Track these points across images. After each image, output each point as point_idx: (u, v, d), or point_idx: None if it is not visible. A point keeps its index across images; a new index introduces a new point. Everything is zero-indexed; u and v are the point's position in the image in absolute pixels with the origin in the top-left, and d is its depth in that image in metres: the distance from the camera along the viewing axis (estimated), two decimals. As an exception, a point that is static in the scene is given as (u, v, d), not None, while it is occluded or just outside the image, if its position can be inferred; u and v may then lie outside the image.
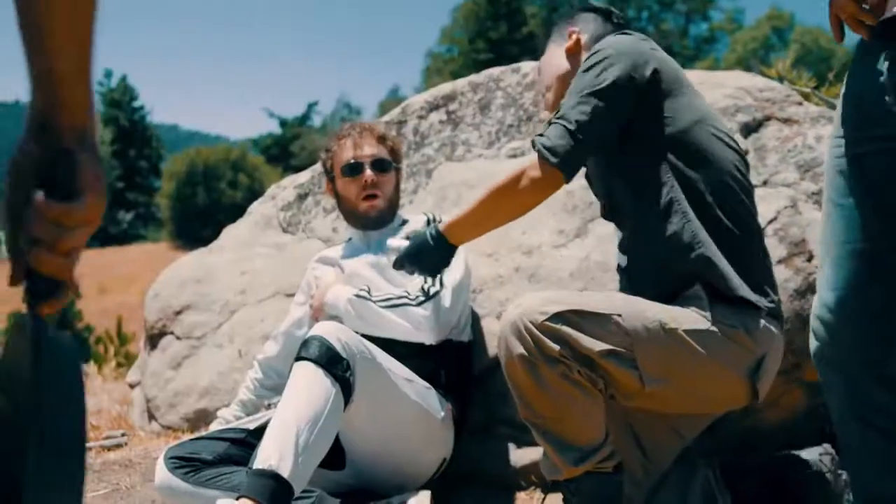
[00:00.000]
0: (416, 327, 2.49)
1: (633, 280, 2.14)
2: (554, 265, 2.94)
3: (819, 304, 1.79)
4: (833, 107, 3.63)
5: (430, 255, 2.23)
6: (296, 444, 2.04)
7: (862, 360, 1.71)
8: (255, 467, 2.01)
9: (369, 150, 2.79)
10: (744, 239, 2.06)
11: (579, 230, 3.03)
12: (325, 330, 2.25)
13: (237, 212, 4.27)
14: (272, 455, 2.02)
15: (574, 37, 2.32)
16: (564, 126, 2.02)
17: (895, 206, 1.62)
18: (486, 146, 3.55)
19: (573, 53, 2.31)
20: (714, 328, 1.96)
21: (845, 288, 1.72)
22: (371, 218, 2.78)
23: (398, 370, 2.40)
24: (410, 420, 2.39)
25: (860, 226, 1.69)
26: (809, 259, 2.63)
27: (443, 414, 2.47)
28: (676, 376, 1.95)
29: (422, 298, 2.50)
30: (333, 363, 2.19)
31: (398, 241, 2.31)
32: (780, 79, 3.81)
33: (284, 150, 47.80)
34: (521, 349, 1.90)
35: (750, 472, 2.32)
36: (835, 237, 1.74)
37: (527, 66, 3.73)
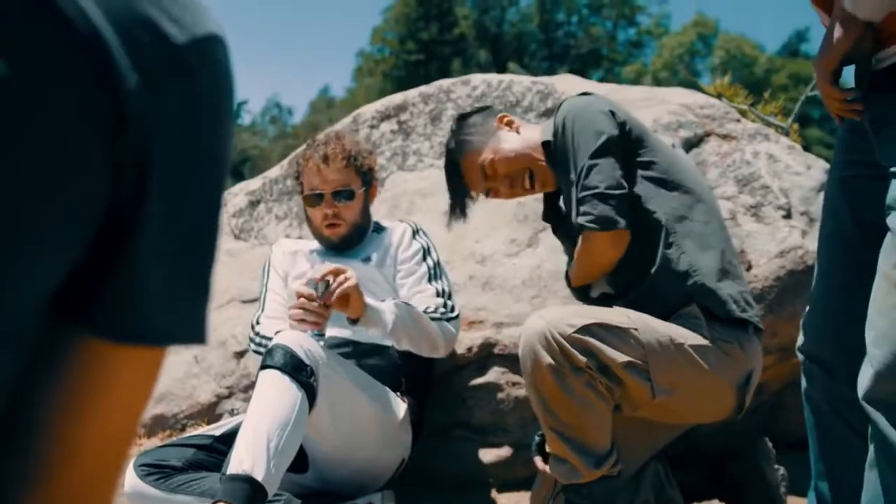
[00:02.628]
0: (446, 341, 2.60)
1: (630, 307, 2.23)
2: (507, 273, 3.06)
3: (807, 310, 2.02)
4: (769, 124, 3.82)
5: None
6: (267, 448, 2.11)
7: (844, 360, 1.89)
8: (229, 472, 2.08)
9: (332, 178, 2.74)
10: (729, 259, 2.24)
11: (531, 239, 3.15)
12: (288, 339, 2.32)
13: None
14: (245, 460, 2.08)
15: (508, 118, 2.45)
16: (594, 194, 2.15)
17: (873, 223, 1.80)
18: (438, 156, 3.64)
19: (518, 129, 2.43)
20: (713, 344, 2.12)
21: (829, 296, 1.95)
22: (334, 242, 2.81)
23: (356, 375, 2.48)
24: (369, 422, 2.47)
25: (847, 240, 1.91)
26: (748, 269, 2.79)
27: (401, 416, 2.56)
28: (682, 388, 2.09)
29: (451, 315, 2.63)
30: (298, 370, 2.26)
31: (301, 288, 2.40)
32: (719, 96, 3.99)
33: (213, 148, 46.91)
34: (549, 359, 2.00)
35: (694, 466, 2.46)
36: (824, 251, 1.98)
37: (476, 78, 3.84)
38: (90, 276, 0.59)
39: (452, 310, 2.65)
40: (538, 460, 2.36)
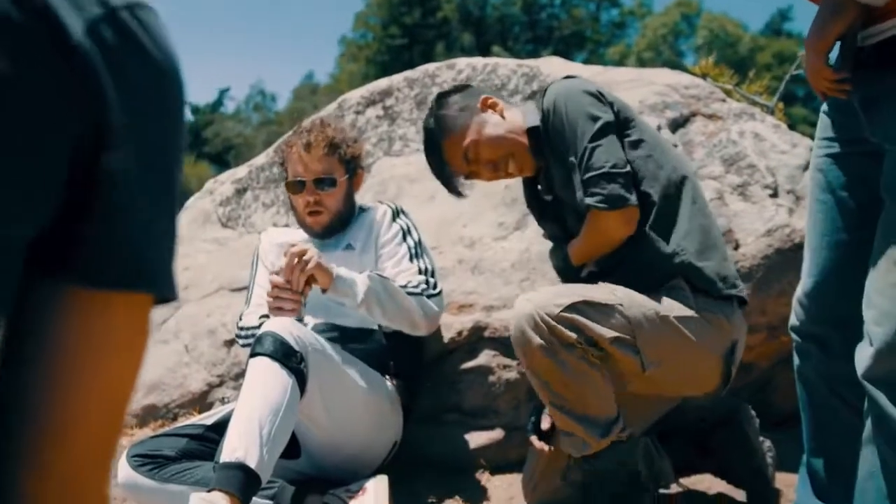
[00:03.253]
0: (426, 317, 2.59)
1: (616, 283, 2.24)
2: (495, 257, 3.07)
3: (800, 289, 2.04)
4: (754, 103, 3.84)
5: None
6: (260, 435, 2.11)
7: (839, 337, 1.91)
8: (222, 460, 2.08)
9: (314, 166, 2.72)
10: (715, 237, 2.28)
11: (519, 222, 3.16)
12: (278, 326, 2.32)
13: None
14: (238, 448, 2.09)
15: (492, 101, 2.41)
16: (600, 174, 2.15)
17: (862, 200, 1.84)
18: (424, 141, 3.64)
19: (502, 112, 2.40)
20: (698, 315, 2.16)
21: (822, 274, 1.97)
22: (316, 231, 2.80)
23: (347, 359, 2.48)
24: (360, 407, 2.48)
25: (838, 218, 1.93)
26: (736, 247, 2.81)
27: (391, 399, 2.58)
28: (670, 360, 2.13)
29: (433, 292, 2.62)
30: (288, 356, 2.26)
31: (274, 278, 2.42)
32: (704, 76, 4.00)
33: (197, 137, 46.86)
34: (539, 339, 2.04)
35: (682, 441, 2.49)
36: (815, 230, 1.99)
37: (461, 62, 3.83)
38: (70, 225, 0.63)
39: (434, 287, 2.65)
40: (534, 439, 2.38)
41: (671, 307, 2.15)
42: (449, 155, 2.40)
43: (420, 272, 2.65)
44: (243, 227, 3.74)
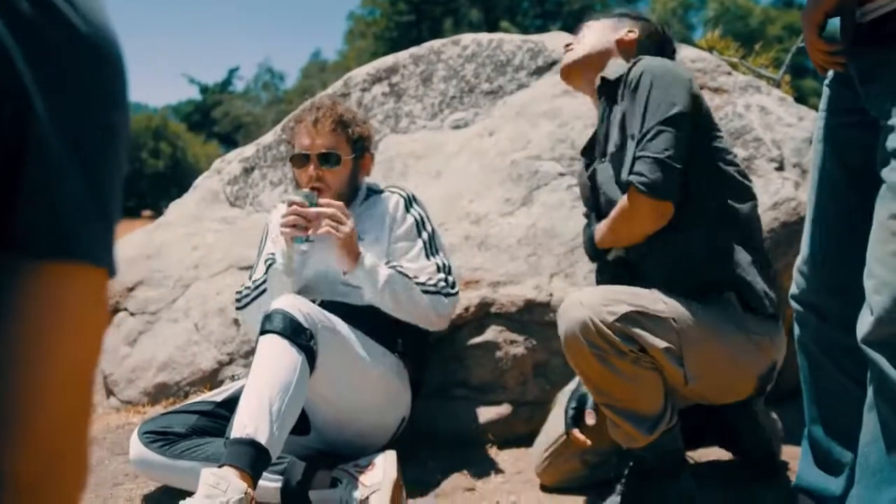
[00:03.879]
0: (438, 315, 2.62)
1: (650, 280, 2.22)
2: (502, 233, 3.07)
3: (800, 257, 2.07)
4: (760, 76, 3.82)
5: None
6: (270, 412, 2.14)
7: (838, 307, 1.93)
8: (233, 436, 2.10)
9: (319, 141, 2.70)
10: (765, 256, 2.27)
11: (525, 199, 3.16)
12: (287, 303, 2.34)
13: (160, 181, 4.31)
14: (248, 424, 2.11)
15: (631, 36, 2.42)
16: (655, 158, 2.11)
17: (862, 170, 1.85)
18: (430, 118, 3.64)
19: (622, 47, 2.41)
20: (744, 335, 2.15)
21: (821, 243, 2.00)
22: None
23: (356, 336, 2.50)
24: (370, 383, 2.51)
25: (838, 187, 1.96)
26: (742, 221, 2.81)
27: (400, 376, 2.60)
28: (709, 374, 2.13)
29: (451, 291, 2.63)
30: (297, 333, 2.28)
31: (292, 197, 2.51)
32: (710, 49, 3.99)
33: (206, 116, 46.91)
34: (593, 347, 2.05)
35: (693, 412, 2.50)
36: (814, 198, 2.02)
37: (466, 38, 3.82)
38: (5, 200, 0.64)
39: (453, 286, 2.65)
40: (576, 432, 2.36)
41: (720, 324, 2.14)
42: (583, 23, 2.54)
43: (438, 269, 2.66)
44: (251, 205, 3.76)
